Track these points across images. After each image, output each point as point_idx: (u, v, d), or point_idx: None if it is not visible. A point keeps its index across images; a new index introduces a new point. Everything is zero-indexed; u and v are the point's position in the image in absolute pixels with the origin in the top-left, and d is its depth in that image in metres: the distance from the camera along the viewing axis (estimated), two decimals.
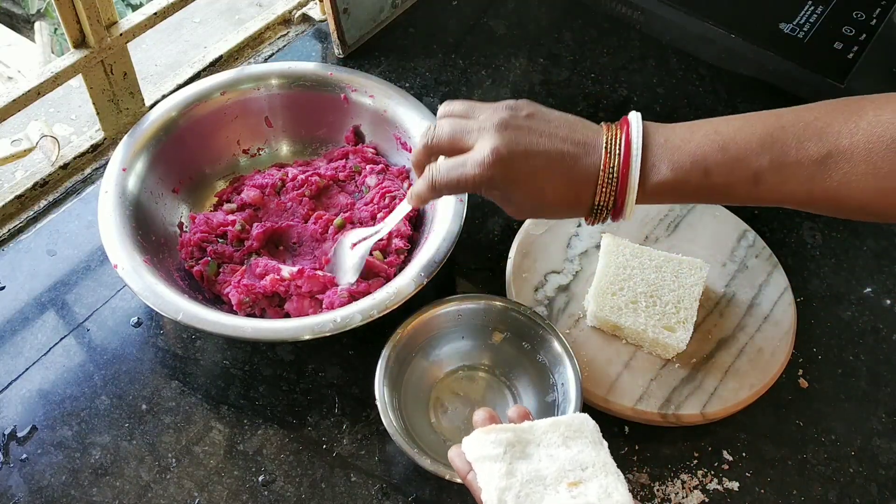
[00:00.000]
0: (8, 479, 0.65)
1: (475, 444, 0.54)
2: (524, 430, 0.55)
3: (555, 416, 0.58)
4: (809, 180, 0.54)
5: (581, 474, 0.53)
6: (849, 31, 0.97)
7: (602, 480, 0.53)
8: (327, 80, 0.83)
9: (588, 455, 0.54)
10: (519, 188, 0.58)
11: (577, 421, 0.56)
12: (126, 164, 0.75)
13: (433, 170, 0.60)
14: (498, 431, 0.54)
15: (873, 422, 0.73)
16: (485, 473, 0.53)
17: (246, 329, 0.66)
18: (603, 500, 0.52)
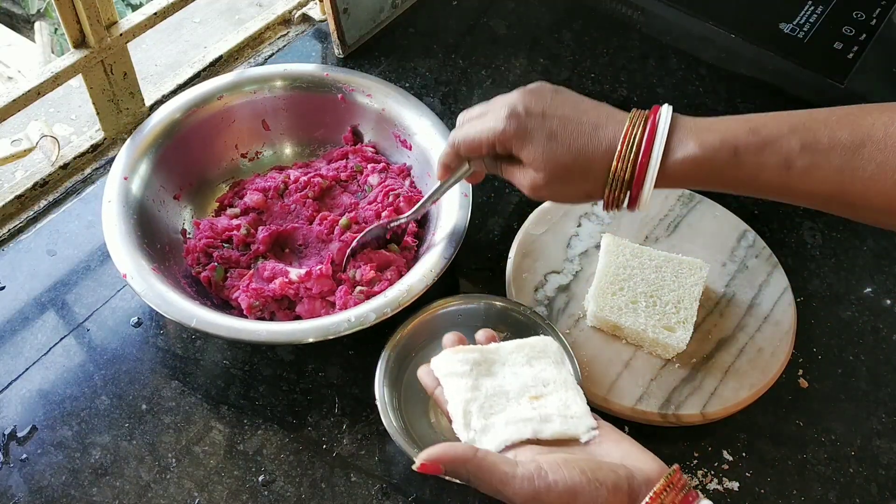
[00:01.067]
0: (8, 479, 0.65)
1: (444, 363, 0.58)
2: (491, 350, 0.59)
3: (528, 340, 0.61)
4: (841, 170, 0.52)
5: (542, 389, 0.57)
6: (849, 31, 0.97)
7: (562, 395, 0.57)
8: (323, 81, 0.83)
9: (550, 373, 0.58)
10: (533, 147, 0.58)
11: (542, 343, 0.60)
12: (128, 172, 0.75)
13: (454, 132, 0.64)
14: (466, 351, 0.58)
15: (873, 422, 0.73)
16: (451, 388, 0.57)
17: (261, 333, 0.66)
18: (562, 411, 0.55)
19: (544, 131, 0.59)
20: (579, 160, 0.58)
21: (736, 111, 0.96)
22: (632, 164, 0.57)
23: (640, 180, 0.57)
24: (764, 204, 0.88)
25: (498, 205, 0.85)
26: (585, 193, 0.60)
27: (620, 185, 0.58)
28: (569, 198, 0.62)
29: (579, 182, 0.59)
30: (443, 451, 0.51)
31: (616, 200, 0.59)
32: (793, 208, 0.87)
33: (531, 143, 0.59)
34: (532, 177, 0.60)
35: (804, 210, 0.87)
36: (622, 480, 0.49)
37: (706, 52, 1.01)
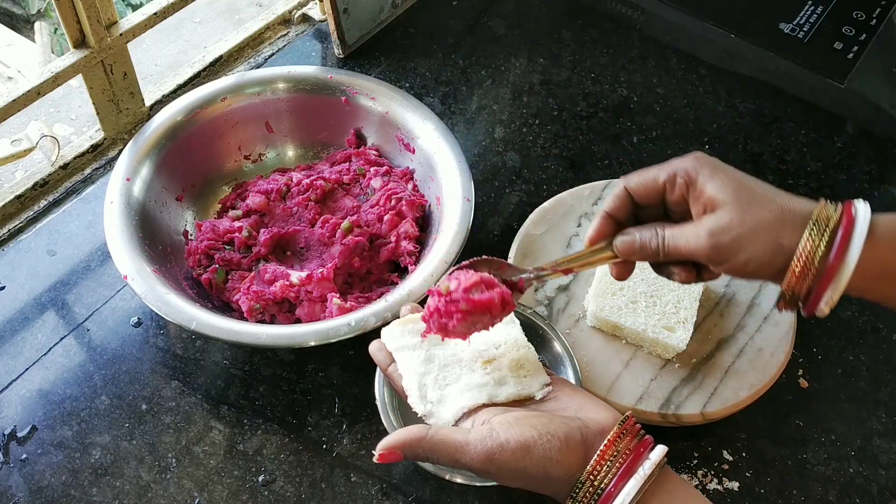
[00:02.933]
0: (8, 479, 0.65)
1: (394, 336, 0.58)
2: None
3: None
4: None
5: (495, 352, 0.57)
6: (849, 31, 0.97)
7: (514, 355, 0.57)
8: (327, 84, 0.83)
9: (501, 334, 0.58)
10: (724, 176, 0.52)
11: None
12: (130, 174, 0.75)
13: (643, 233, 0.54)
14: (415, 322, 0.57)
15: (873, 422, 0.73)
16: (404, 362, 0.57)
17: (262, 336, 0.66)
18: (515, 371, 0.56)
19: (735, 172, 0.53)
20: (776, 201, 0.51)
21: (736, 111, 0.96)
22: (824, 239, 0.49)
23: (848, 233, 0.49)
24: None
25: (498, 205, 0.85)
26: (775, 243, 0.51)
27: (823, 230, 0.49)
28: (754, 248, 0.51)
29: (772, 225, 0.51)
30: (396, 437, 0.52)
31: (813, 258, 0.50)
32: None
33: (720, 176, 0.52)
34: (712, 220, 0.52)
35: None
36: (574, 431, 0.50)
37: (706, 52, 1.01)
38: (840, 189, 0.90)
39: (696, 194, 0.53)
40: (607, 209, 0.56)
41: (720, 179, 0.52)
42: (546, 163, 0.90)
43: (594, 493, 0.49)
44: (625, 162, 0.90)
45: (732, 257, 0.51)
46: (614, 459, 0.49)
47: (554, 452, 0.49)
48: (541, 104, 0.95)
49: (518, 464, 0.49)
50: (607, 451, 0.49)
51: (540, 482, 0.50)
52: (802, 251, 0.49)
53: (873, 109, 0.94)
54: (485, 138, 0.91)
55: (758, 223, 0.51)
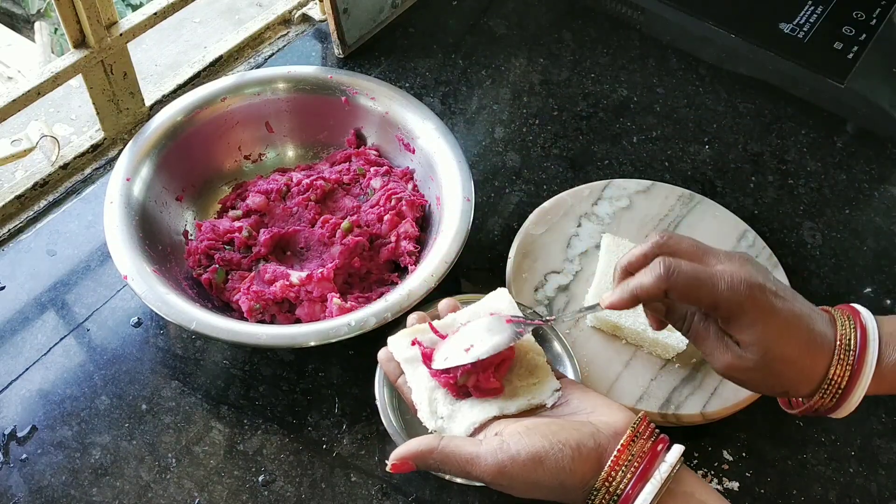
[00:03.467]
0: (8, 479, 0.65)
1: (401, 346, 0.57)
2: (447, 325, 0.58)
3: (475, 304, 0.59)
4: None
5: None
6: (849, 31, 0.97)
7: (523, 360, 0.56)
8: (327, 84, 0.83)
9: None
10: (762, 328, 0.51)
11: (496, 301, 0.58)
12: (130, 174, 0.75)
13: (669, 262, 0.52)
14: (423, 332, 0.57)
15: (873, 422, 0.73)
16: (413, 375, 0.56)
17: (262, 336, 0.66)
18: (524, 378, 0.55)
19: (778, 320, 0.52)
20: (801, 359, 0.52)
21: (736, 111, 0.96)
22: (850, 366, 0.52)
23: (854, 384, 0.52)
24: (764, 204, 0.88)
25: (498, 205, 0.85)
26: (781, 391, 0.54)
27: (834, 390, 0.52)
28: (756, 389, 0.55)
29: (791, 380, 0.53)
30: (408, 448, 0.52)
31: (821, 406, 0.53)
32: (792, 208, 0.88)
33: (761, 324, 0.51)
34: (736, 356, 0.53)
35: (804, 210, 0.87)
36: (587, 437, 0.49)
37: (706, 52, 1.01)
38: (840, 189, 0.90)
39: (732, 330, 0.53)
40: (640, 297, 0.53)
41: (760, 328, 0.51)
42: (546, 163, 0.90)
43: (610, 499, 0.48)
44: (625, 162, 0.90)
45: (737, 383, 0.55)
46: (629, 464, 0.48)
47: (566, 462, 0.48)
48: (541, 104, 0.95)
49: (530, 475, 0.49)
50: (621, 456, 0.48)
51: (554, 492, 0.49)
52: (833, 377, 0.52)
53: (873, 109, 0.94)
54: (485, 138, 0.91)
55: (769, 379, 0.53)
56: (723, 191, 0.88)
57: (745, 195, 0.88)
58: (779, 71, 0.97)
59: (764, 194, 0.89)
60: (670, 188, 0.83)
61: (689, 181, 0.89)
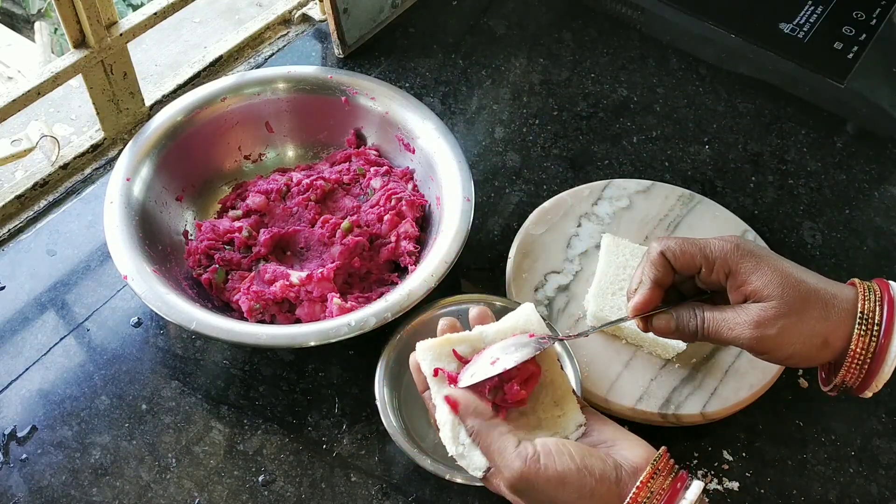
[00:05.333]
0: (8, 479, 0.65)
1: (429, 358, 0.56)
2: (474, 339, 0.56)
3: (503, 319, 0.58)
4: None
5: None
6: (849, 31, 0.97)
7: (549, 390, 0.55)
8: (327, 84, 0.83)
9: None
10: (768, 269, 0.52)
11: (524, 318, 0.57)
12: (130, 174, 0.75)
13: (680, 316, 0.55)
14: (455, 343, 0.56)
15: (873, 422, 0.73)
16: (438, 394, 0.55)
17: (262, 336, 0.66)
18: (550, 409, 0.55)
19: (779, 261, 0.53)
20: (820, 292, 0.51)
21: (736, 111, 0.96)
22: (878, 304, 0.51)
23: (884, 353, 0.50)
24: (764, 204, 0.88)
25: (498, 205, 0.85)
26: (821, 339, 0.52)
27: (868, 328, 0.51)
28: (798, 343, 0.52)
29: (818, 320, 0.51)
30: (469, 398, 0.52)
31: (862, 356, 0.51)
32: (792, 208, 0.88)
33: (764, 267, 0.52)
34: (757, 310, 0.52)
35: (804, 210, 0.87)
36: (610, 470, 0.49)
37: (706, 52, 1.01)
38: (840, 189, 0.90)
39: (738, 284, 0.53)
40: (654, 279, 0.56)
41: (765, 272, 0.52)
42: (546, 163, 0.90)
43: None
44: (625, 162, 0.90)
45: (776, 350, 0.52)
46: (648, 501, 0.48)
47: (587, 490, 0.48)
48: (541, 104, 0.95)
49: (550, 492, 0.49)
50: (640, 493, 0.48)
51: None
52: (855, 350, 0.51)
53: (873, 109, 0.94)
54: (485, 138, 0.91)
55: (804, 320, 0.51)
56: (723, 191, 0.88)
57: (745, 195, 0.88)
58: (779, 71, 0.97)
59: (764, 194, 0.89)
60: (670, 188, 0.83)
61: (689, 181, 0.89)
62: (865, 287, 0.53)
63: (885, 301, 0.51)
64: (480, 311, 0.60)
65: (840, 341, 0.51)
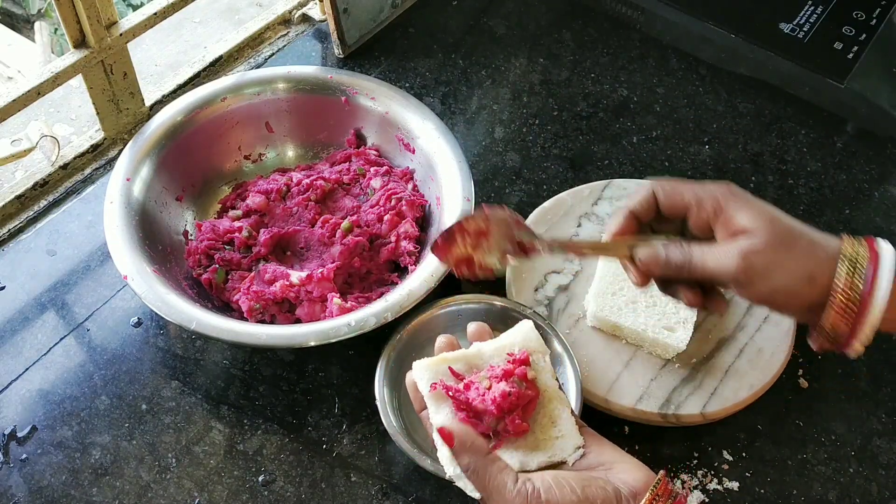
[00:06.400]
0: (8, 479, 0.65)
1: (425, 378, 0.55)
2: (471, 356, 0.56)
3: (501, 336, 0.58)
4: None
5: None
6: (849, 31, 0.97)
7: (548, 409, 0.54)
8: (327, 84, 0.83)
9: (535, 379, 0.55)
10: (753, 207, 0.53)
11: (522, 336, 0.57)
12: (130, 174, 0.75)
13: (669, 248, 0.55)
14: (451, 362, 0.55)
15: (873, 422, 0.73)
16: (436, 415, 0.54)
17: (262, 336, 0.66)
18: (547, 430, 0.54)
19: (765, 203, 0.54)
20: (806, 232, 0.52)
21: (736, 111, 0.96)
22: (863, 248, 0.51)
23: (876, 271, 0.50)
24: None
25: None
26: (807, 274, 0.51)
27: (854, 267, 0.50)
28: (784, 276, 0.51)
29: (804, 256, 0.51)
30: (464, 432, 0.51)
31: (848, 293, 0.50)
32: (792, 208, 0.87)
33: (750, 205, 0.53)
34: (744, 241, 0.52)
35: (804, 210, 0.87)
36: (611, 497, 0.49)
37: (706, 52, 1.01)
38: (840, 189, 0.90)
39: (725, 221, 0.54)
40: (632, 207, 0.57)
41: (752, 211, 0.53)
42: (546, 163, 0.90)
43: None
44: (625, 162, 0.90)
45: (761, 282, 0.52)
46: None
47: None
48: (541, 104, 0.95)
49: None
50: None
51: None
52: (839, 285, 0.50)
53: (873, 109, 0.94)
54: (485, 138, 0.91)
55: (790, 252, 0.51)
56: None
57: None
58: (779, 71, 0.97)
59: (764, 194, 0.88)
60: None
61: None
62: (852, 238, 0.53)
63: (870, 250, 0.52)
64: (478, 328, 0.59)
65: (826, 278, 0.51)
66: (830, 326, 0.51)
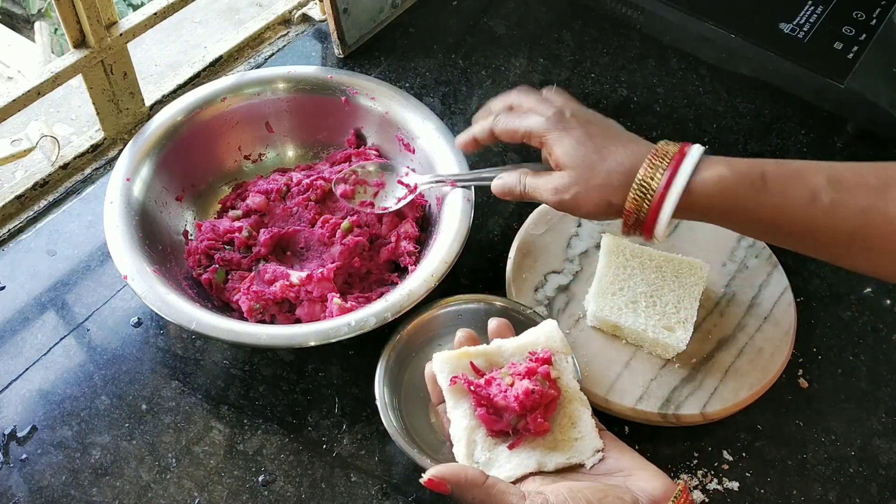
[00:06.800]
0: (8, 479, 0.65)
1: (446, 371, 0.54)
2: (492, 353, 0.56)
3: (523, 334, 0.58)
4: (866, 209, 0.53)
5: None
6: (849, 31, 0.97)
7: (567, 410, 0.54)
8: (327, 84, 0.83)
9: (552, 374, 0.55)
10: (566, 144, 0.62)
11: (545, 336, 0.57)
12: (130, 174, 0.75)
13: (521, 179, 0.67)
14: (474, 357, 0.55)
15: (873, 422, 0.73)
16: (454, 409, 0.54)
17: (262, 336, 0.66)
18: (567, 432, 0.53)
19: (582, 133, 0.62)
20: (608, 163, 0.60)
21: (736, 111, 0.96)
22: (660, 173, 0.58)
23: (663, 196, 0.58)
24: None
25: (498, 205, 0.85)
26: (606, 201, 0.61)
27: (644, 193, 0.58)
28: (589, 205, 0.61)
29: (603, 187, 0.60)
30: (453, 472, 0.50)
31: (636, 214, 0.59)
32: None
33: (566, 140, 0.62)
34: (558, 179, 0.62)
35: None
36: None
37: (706, 52, 1.01)
38: None
39: (549, 152, 0.63)
40: (476, 135, 0.70)
41: (566, 144, 0.62)
42: None
43: None
44: None
45: (574, 210, 0.63)
46: None
47: None
48: None
49: None
50: None
51: None
52: (629, 211, 0.59)
53: (873, 109, 0.93)
54: None
55: (591, 188, 0.61)
56: None
57: None
58: (779, 71, 0.97)
59: None
60: None
61: None
62: (659, 150, 0.60)
63: (670, 166, 0.58)
64: (500, 324, 0.60)
65: (621, 203, 0.60)
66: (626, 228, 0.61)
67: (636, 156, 0.60)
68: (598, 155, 0.60)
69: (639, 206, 0.59)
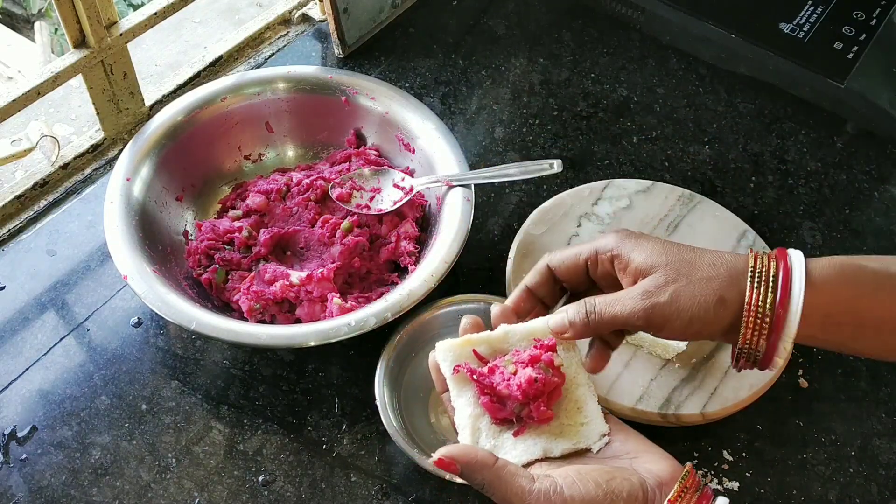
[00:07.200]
0: (8, 479, 0.65)
1: (449, 358, 0.53)
2: (498, 339, 0.54)
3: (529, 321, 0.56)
4: None
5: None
6: (849, 31, 0.97)
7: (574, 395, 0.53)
8: (327, 84, 0.83)
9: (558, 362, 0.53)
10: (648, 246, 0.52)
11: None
12: (130, 174, 0.75)
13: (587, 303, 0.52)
14: (477, 344, 0.54)
15: (873, 422, 0.73)
16: (458, 396, 0.53)
17: (262, 336, 0.66)
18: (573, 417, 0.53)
19: (659, 240, 0.52)
20: (708, 256, 0.51)
21: (736, 111, 0.96)
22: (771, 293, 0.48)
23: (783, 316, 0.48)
24: (764, 204, 0.88)
25: (498, 205, 0.85)
26: (717, 296, 0.49)
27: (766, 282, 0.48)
28: (693, 307, 0.49)
29: (710, 280, 0.49)
30: (463, 452, 0.49)
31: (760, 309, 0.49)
32: (792, 208, 0.88)
33: (645, 245, 0.52)
34: (647, 282, 0.50)
35: (804, 210, 0.87)
36: (636, 488, 0.48)
37: (706, 52, 1.01)
38: (840, 189, 0.90)
39: (623, 266, 0.52)
40: (528, 284, 0.56)
41: (646, 248, 0.52)
42: None
43: None
44: (625, 162, 0.90)
45: (674, 318, 0.50)
46: None
47: None
48: (541, 104, 0.95)
49: None
50: None
51: None
52: (751, 302, 0.49)
53: (873, 109, 0.94)
54: (485, 138, 0.91)
55: (694, 280, 0.50)
56: (723, 191, 0.88)
57: (745, 195, 0.88)
58: (779, 71, 0.97)
59: (764, 194, 0.89)
60: (670, 188, 0.83)
61: (689, 181, 0.89)
62: (758, 253, 0.51)
63: (779, 262, 0.49)
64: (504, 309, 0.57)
65: (736, 296, 0.49)
66: (748, 346, 0.50)
67: (728, 254, 0.51)
68: (691, 252, 0.51)
69: (763, 297, 0.49)
